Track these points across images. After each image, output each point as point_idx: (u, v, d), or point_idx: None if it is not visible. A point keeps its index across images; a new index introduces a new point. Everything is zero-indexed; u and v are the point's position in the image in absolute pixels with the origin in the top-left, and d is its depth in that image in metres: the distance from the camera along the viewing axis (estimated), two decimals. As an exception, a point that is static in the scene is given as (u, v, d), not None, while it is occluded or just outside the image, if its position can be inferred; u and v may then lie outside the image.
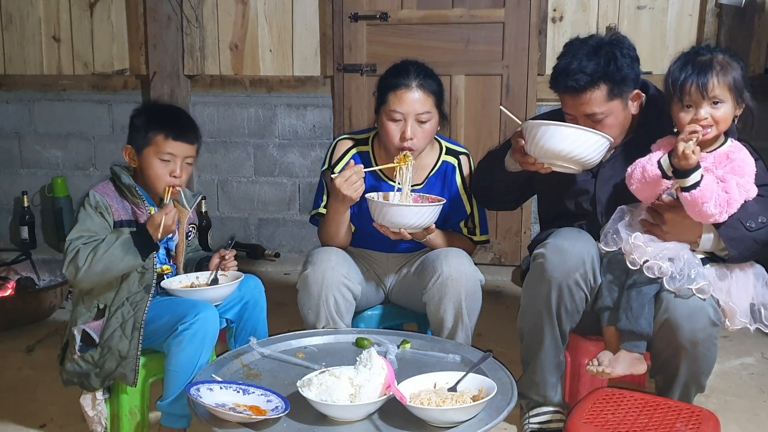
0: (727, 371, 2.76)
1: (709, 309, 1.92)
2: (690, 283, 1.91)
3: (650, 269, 1.94)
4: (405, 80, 2.30)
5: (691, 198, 1.88)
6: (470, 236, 2.50)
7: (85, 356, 2.07)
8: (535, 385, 2.18)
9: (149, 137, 2.14)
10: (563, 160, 2.05)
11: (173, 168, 2.15)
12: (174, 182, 2.16)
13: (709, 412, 1.89)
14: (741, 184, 1.92)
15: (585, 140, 2.01)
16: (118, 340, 2.04)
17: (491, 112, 3.95)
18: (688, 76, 1.94)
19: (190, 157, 2.20)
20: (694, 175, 1.87)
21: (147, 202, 2.17)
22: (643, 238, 1.98)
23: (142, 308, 2.06)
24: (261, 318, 2.27)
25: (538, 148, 2.05)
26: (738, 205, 1.91)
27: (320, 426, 1.71)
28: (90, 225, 2.08)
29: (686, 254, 1.95)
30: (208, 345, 2.03)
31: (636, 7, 3.80)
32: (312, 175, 4.24)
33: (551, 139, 2.01)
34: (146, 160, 2.15)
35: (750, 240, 1.93)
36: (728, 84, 1.92)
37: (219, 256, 2.27)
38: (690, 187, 1.87)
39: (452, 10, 3.90)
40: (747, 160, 1.96)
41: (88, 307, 2.12)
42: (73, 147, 4.48)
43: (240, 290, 2.23)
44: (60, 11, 4.36)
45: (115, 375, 2.06)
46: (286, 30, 4.15)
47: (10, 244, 4.43)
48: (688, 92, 1.94)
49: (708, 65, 1.93)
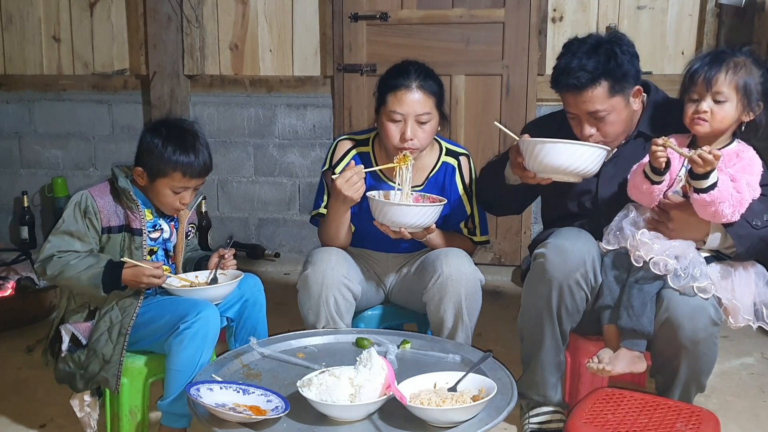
0: (727, 371, 2.76)
1: (710, 308, 1.92)
2: (694, 282, 1.91)
3: (656, 265, 1.94)
4: (405, 81, 2.29)
5: (709, 198, 1.87)
6: (470, 237, 2.50)
7: (73, 356, 2.08)
8: (535, 384, 2.18)
9: (166, 171, 2.10)
10: (562, 174, 2.05)
11: (184, 197, 2.16)
12: (181, 208, 2.18)
13: (709, 412, 1.89)
14: (750, 183, 1.93)
15: (581, 154, 2.02)
16: (104, 344, 2.05)
17: (491, 112, 3.95)
18: (699, 68, 1.95)
19: (201, 184, 2.20)
20: (711, 176, 1.86)
21: (142, 206, 2.15)
22: (649, 235, 1.98)
23: (129, 314, 2.06)
24: (261, 316, 2.28)
25: (536, 164, 2.06)
26: (747, 204, 1.92)
27: (320, 426, 1.71)
28: (73, 229, 2.08)
29: (692, 253, 1.96)
30: (210, 344, 2.03)
31: (636, 7, 3.81)
32: (312, 175, 4.24)
33: (548, 156, 2.02)
34: (158, 188, 2.13)
35: (756, 238, 1.93)
36: (736, 84, 1.92)
37: (218, 256, 2.27)
38: (708, 188, 1.86)
39: (452, 10, 3.90)
40: (755, 159, 1.96)
41: (79, 306, 2.13)
42: (73, 147, 4.48)
43: (240, 288, 2.23)
44: (60, 11, 4.36)
45: (98, 379, 2.06)
46: (286, 30, 4.15)
47: (10, 244, 4.42)
48: (695, 83, 1.95)
49: (722, 61, 1.93)
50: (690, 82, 1.97)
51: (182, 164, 2.10)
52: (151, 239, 2.18)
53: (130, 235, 2.13)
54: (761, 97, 1.95)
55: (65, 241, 2.07)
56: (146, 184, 2.15)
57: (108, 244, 2.12)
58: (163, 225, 2.22)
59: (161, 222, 2.22)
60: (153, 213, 2.21)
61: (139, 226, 2.13)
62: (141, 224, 2.13)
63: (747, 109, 1.94)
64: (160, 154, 2.10)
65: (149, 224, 2.18)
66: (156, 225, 2.21)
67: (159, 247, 2.23)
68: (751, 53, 1.98)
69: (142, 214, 2.14)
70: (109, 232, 2.12)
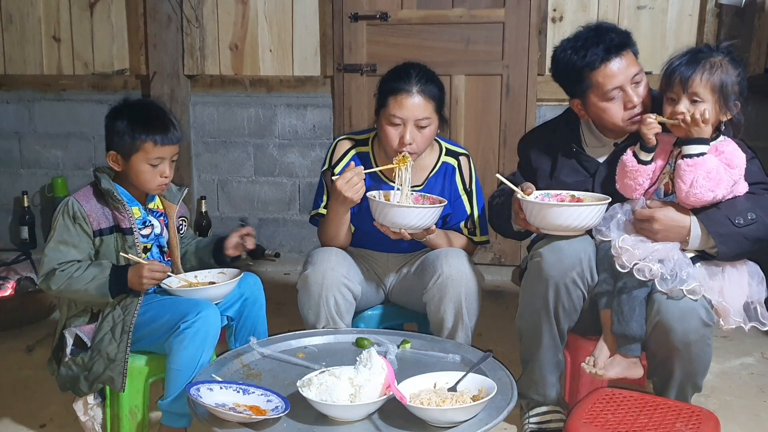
0: (727, 371, 2.76)
1: (701, 310, 1.91)
2: (681, 284, 1.90)
3: (641, 272, 1.94)
4: (406, 85, 2.28)
5: (691, 162, 1.90)
6: (470, 237, 2.50)
7: (77, 359, 2.08)
8: (534, 384, 2.18)
9: (137, 145, 2.11)
10: (563, 230, 2.05)
11: (163, 170, 2.15)
12: (165, 182, 2.16)
13: (709, 412, 1.89)
14: (730, 173, 1.92)
15: (579, 214, 2.02)
16: (108, 343, 2.05)
17: (491, 112, 3.95)
18: (676, 68, 1.95)
19: (176, 154, 2.19)
20: (700, 147, 1.90)
21: (128, 204, 2.15)
22: (630, 241, 1.98)
23: (131, 312, 2.06)
24: (261, 315, 2.28)
25: (538, 222, 2.07)
26: (724, 192, 1.92)
27: (320, 426, 1.71)
28: (67, 237, 2.08)
29: (676, 254, 1.95)
30: (210, 344, 2.03)
31: (636, 7, 3.81)
32: (312, 175, 4.24)
33: (548, 216, 2.03)
34: (135, 166, 2.13)
35: (739, 236, 1.92)
36: (713, 85, 1.92)
37: (238, 235, 2.29)
38: (695, 155, 1.90)
39: (452, 10, 3.90)
40: (736, 153, 1.95)
41: (80, 311, 2.13)
42: (73, 147, 4.48)
43: (239, 287, 2.23)
44: (60, 11, 4.36)
45: (103, 378, 2.05)
46: (286, 30, 4.15)
47: (10, 244, 4.42)
48: (672, 84, 1.96)
49: (698, 61, 1.93)
50: (667, 82, 1.97)
51: (151, 133, 2.11)
52: (142, 236, 2.18)
53: (122, 235, 2.13)
54: (738, 96, 1.95)
55: (61, 252, 2.07)
56: (123, 168, 2.15)
57: (102, 247, 2.12)
58: (153, 221, 2.22)
59: (150, 218, 2.22)
60: (141, 210, 2.20)
61: (129, 225, 2.13)
62: (130, 223, 2.13)
63: (724, 109, 1.94)
64: (128, 130, 2.12)
65: (138, 221, 2.17)
66: (146, 222, 2.20)
67: (152, 244, 2.22)
68: (729, 51, 1.97)
69: (129, 212, 2.14)
70: (100, 235, 2.12)
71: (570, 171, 2.25)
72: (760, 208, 1.94)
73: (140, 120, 2.14)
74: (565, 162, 2.26)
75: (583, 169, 2.23)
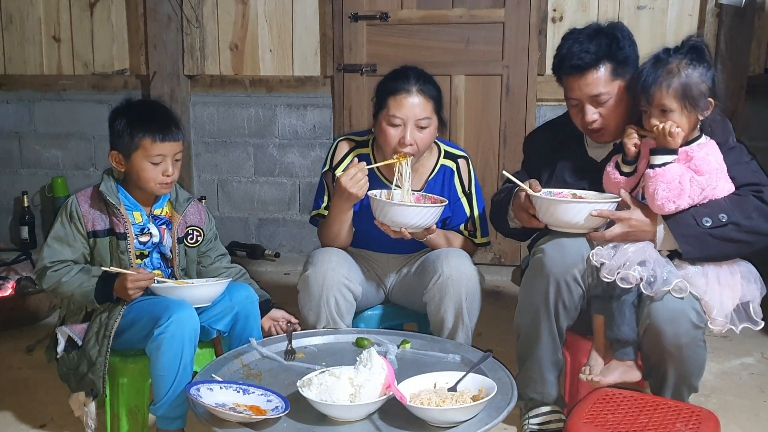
0: (727, 371, 2.76)
1: (691, 312, 1.91)
2: (665, 285, 1.89)
3: (625, 280, 1.93)
4: (405, 85, 2.29)
5: (653, 173, 1.91)
6: (471, 238, 2.50)
7: (67, 358, 2.10)
8: (533, 382, 2.18)
9: (136, 142, 2.11)
10: (574, 228, 2.05)
11: (165, 168, 2.14)
12: (167, 181, 2.15)
13: (709, 412, 1.89)
14: (697, 181, 1.91)
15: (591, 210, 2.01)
16: (92, 346, 2.06)
17: (491, 112, 3.95)
18: (641, 82, 1.95)
19: (179, 152, 2.18)
20: (665, 157, 1.91)
21: (127, 209, 2.15)
22: (603, 252, 1.98)
23: (114, 316, 2.06)
24: (255, 328, 2.23)
25: (549, 218, 2.06)
26: (689, 201, 1.91)
27: (320, 426, 1.71)
28: (62, 235, 2.12)
29: (653, 253, 1.95)
30: (188, 343, 2.00)
31: (636, 7, 3.81)
32: (312, 175, 4.24)
33: (558, 213, 2.02)
34: (136, 165, 2.13)
35: (705, 237, 1.91)
36: (674, 92, 1.90)
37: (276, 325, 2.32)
38: (659, 165, 1.91)
39: (452, 10, 3.90)
40: (708, 158, 1.93)
41: (77, 308, 2.15)
42: (73, 147, 4.48)
43: (231, 300, 2.19)
44: (60, 11, 4.36)
45: (86, 380, 2.06)
46: (286, 30, 4.16)
47: (10, 244, 4.43)
48: (640, 97, 1.97)
49: (656, 71, 1.92)
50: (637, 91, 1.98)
51: (149, 130, 2.11)
52: (139, 243, 2.17)
53: (116, 240, 2.13)
54: (709, 93, 1.93)
55: (55, 250, 2.10)
56: (127, 168, 2.15)
57: (96, 248, 2.13)
58: (152, 229, 2.20)
59: (150, 226, 2.19)
60: (143, 215, 2.19)
61: (123, 230, 2.13)
62: (125, 228, 2.13)
63: (695, 111, 1.93)
64: (127, 128, 2.12)
65: (137, 227, 2.16)
66: (144, 229, 2.18)
67: (150, 251, 2.20)
68: (690, 50, 1.94)
69: (124, 218, 2.13)
70: (95, 236, 2.12)
71: (571, 170, 2.25)
72: (739, 209, 1.92)
73: (139, 118, 2.14)
74: (567, 161, 2.26)
75: (583, 169, 2.23)
